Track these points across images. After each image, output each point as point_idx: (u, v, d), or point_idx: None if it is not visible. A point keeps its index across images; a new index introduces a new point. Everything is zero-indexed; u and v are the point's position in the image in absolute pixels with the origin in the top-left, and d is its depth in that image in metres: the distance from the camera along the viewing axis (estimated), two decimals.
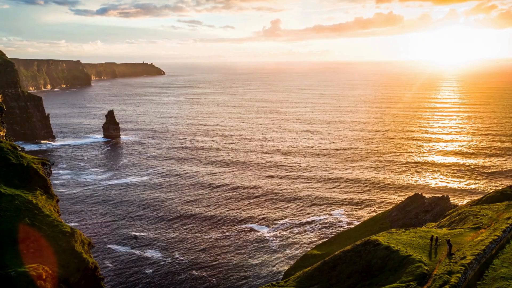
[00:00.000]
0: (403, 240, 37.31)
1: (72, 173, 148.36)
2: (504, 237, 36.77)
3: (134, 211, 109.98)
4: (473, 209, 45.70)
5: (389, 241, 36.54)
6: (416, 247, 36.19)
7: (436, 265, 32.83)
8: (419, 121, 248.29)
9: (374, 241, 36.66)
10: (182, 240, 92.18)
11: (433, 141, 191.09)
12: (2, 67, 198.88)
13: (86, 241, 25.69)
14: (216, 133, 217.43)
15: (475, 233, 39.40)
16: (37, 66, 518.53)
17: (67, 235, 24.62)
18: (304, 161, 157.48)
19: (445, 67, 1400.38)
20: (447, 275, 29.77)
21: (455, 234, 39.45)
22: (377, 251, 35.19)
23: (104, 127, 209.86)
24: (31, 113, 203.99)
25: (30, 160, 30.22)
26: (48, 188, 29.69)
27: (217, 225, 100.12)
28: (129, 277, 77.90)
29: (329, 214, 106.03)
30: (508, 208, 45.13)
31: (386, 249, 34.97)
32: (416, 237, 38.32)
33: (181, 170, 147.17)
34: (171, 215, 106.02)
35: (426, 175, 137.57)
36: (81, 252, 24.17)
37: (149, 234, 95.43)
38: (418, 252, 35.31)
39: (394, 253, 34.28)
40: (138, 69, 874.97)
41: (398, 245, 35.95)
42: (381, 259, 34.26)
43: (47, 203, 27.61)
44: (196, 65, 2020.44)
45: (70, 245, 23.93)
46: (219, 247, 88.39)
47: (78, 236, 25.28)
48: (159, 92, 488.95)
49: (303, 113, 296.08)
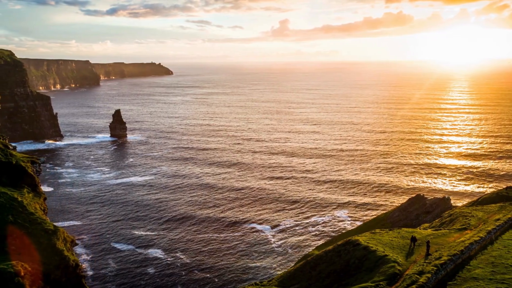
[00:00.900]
0: (384, 240, 37.27)
1: (78, 171, 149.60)
2: (487, 238, 36.65)
3: (139, 210, 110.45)
4: (464, 210, 45.33)
5: (370, 241, 36.59)
6: (395, 247, 36.20)
7: (410, 265, 32.93)
8: (428, 122, 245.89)
9: (354, 241, 36.81)
10: (185, 240, 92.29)
11: (441, 142, 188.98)
12: (11, 67, 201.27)
13: (68, 238, 25.79)
14: (222, 134, 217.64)
15: (459, 234, 39.29)
16: (47, 66, 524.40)
17: (49, 233, 24.73)
18: (309, 162, 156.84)
19: (455, 67, 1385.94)
20: (417, 275, 29.78)
21: (439, 235, 39.34)
22: (355, 251, 35.45)
23: (111, 127, 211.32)
24: (39, 112, 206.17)
25: (20, 158, 30.44)
26: (36, 186, 29.87)
27: (220, 225, 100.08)
28: (131, 275, 78.16)
29: (333, 215, 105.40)
30: (500, 209, 44.69)
31: (365, 249, 35.18)
32: (398, 237, 38.25)
33: (186, 170, 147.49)
34: (175, 215, 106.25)
35: (433, 178, 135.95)
36: (62, 249, 24.27)
37: (152, 234, 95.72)
38: (396, 252, 35.36)
39: (372, 253, 34.45)
40: (146, 69, 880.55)
41: (377, 245, 36.00)
42: (358, 259, 34.54)
43: (34, 201, 27.77)
44: (204, 65, 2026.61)
45: (52, 243, 24.02)
46: (222, 248, 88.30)
47: (60, 234, 25.39)
48: (167, 92, 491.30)
49: (310, 113, 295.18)
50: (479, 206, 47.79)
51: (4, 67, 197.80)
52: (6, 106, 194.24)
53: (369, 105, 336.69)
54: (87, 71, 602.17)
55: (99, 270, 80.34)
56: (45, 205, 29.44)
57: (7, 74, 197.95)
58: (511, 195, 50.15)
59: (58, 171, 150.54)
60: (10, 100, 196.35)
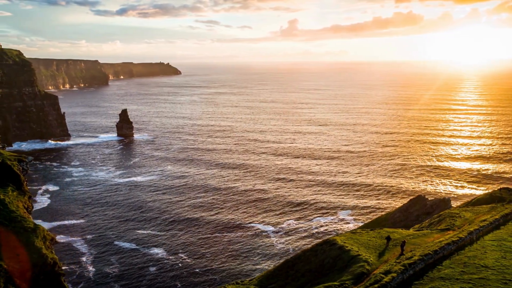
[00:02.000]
0: (361, 240, 37.34)
1: (84, 170, 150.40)
2: (467, 239, 36.64)
3: (143, 210, 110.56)
4: (453, 211, 44.92)
5: (347, 241, 36.70)
6: (370, 247, 36.19)
7: (381, 265, 32.94)
8: (436, 124, 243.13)
9: (332, 241, 36.92)
10: (188, 240, 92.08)
11: (450, 144, 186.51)
12: (20, 67, 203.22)
13: (48, 237, 25.59)
14: (229, 134, 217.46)
15: (440, 234, 39.11)
16: (57, 65, 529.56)
17: (28, 231, 24.59)
18: (315, 164, 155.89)
19: (466, 67, 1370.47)
20: (383, 275, 29.78)
21: (419, 235, 39.20)
22: (331, 250, 35.64)
23: (118, 126, 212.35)
24: (47, 111, 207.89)
25: (6, 156, 30.35)
26: (21, 184, 29.72)
27: (224, 227, 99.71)
28: (133, 274, 78.21)
29: (337, 216, 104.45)
30: (490, 210, 44.24)
31: (340, 248, 35.37)
32: (377, 237, 38.20)
33: (192, 171, 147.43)
34: (179, 216, 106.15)
35: (441, 180, 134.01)
36: (41, 247, 24.09)
37: (156, 233, 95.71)
38: (370, 252, 35.37)
39: (345, 253, 34.67)
40: (155, 69, 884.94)
41: (353, 245, 36.11)
42: (333, 259, 34.72)
43: (17, 199, 27.63)
44: (212, 65, 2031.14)
45: (30, 241, 23.86)
46: (225, 249, 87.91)
47: (40, 232, 25.22)
48: (174, 92, 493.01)
49: (317, 114, 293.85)
50: (470, 207, 47.17)
51: (12, 67, 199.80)
52: (15, 105, 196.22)
53: (377, 106, 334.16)
54: (96, 71, 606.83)
55: (102, 268, 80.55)
56: (30, 203, 29.28)
57: (16, 73, 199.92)
58: (504, 196, 49.73)
59: (64, 170, 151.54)
60: (18, 99, 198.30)
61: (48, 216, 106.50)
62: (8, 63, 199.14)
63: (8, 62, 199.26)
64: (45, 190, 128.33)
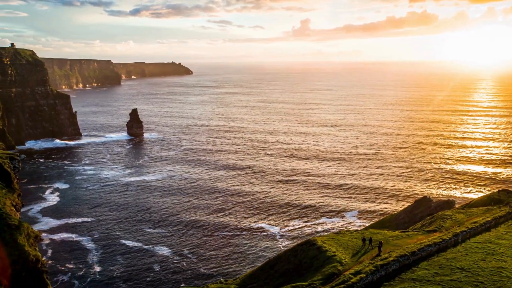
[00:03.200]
0: (342, 241, 37.23)
1: (94, 169, 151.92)
2: (451, 241, 36.39)
3: (150, 209, 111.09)
4: (446, 213, 44.30)
5: (327, 241, 36.49)
6: (349, 248, 36.11)
7: (354, 265, 32.88)
8: (449, 125, 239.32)
9: (312, 241, 36.88)
10: (194, 240, 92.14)
11: (463, 147, 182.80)
12: (33, 66, 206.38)
13: (32, 234, 25.70)
14: (238, 135, 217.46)
15: (425, 236, 38.70)
16: (70, 65, 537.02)
17: (12, 228, 24.70)
18: (324, 166, 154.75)
19: (481, 67, 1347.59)
20: (352, 275, 29.72)
21: (403, 237, 38.88)
22: (310, 250, 35.58)
23: (128, 125, 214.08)
24: (59, 110, 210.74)
25: None
26: (11, 182, 29.96)
27: (230, 227, 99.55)
28: (138, 272, 78.62)
29: (343, 219, 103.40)
30: (485, 212, 43.50)
31: (318, 249, 35.35)
32: (358, 238, 37.89)
33: (200, 171, 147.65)
34: (185, 215, 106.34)
35: (452, 184, 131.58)
36: (24, 244, 24.18)
37: (161, 232, 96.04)
38: (348, 253, 35.30)
39: (322, 253, 34.67)
40: (167, 68, 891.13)
41: (332, 245, 35.96)
42: (310, 259, 34.69)
43: (5, 196, 27.79)
44: (224, 65, 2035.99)
45: (13, 238, 23.95)
46: (229, 247, 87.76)
47: (24, 229, 25.33)
48: (185, 92, 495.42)
49: (328, 115, 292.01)
50: (466, 208, 46.38)
51: (25, 66, 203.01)
52: (27, 104, 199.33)
53: (390, 107, 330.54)
54: (109, 70, 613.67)
55: (108, 266, 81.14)
56: (19, 201, 29.49)
57: (29, 73, 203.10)
58: (502, 198, 48.92)
59: (75, 169, 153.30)
60: (31, 98, 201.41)
61: (57, 214, 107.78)
62: (22, 62, 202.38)
63: (22, 62, 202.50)
64: (55, 188, 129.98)
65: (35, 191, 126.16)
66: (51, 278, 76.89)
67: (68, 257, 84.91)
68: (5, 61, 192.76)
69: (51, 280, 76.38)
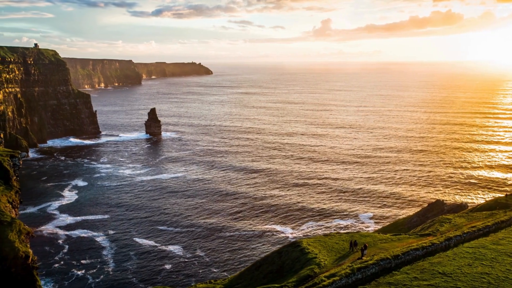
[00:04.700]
0: (328, 243, 36.83)
1: (112, 167, 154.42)
2: (442, 245, 35.54)
3: (164, 208, 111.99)
4: (447, 217, 43.02)
5: (312, 243, 36.11)
6: (333, 250, 35.72)
7: (332, 268, 32.53)
8: (472, 128, 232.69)
9: (296, 243, 36.61)
10: (206, 239, 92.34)
11: (486, 151, 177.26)
12: (55, 66, 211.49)
13: (24, 230, 26.05)
14: (255, 136, 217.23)
15: (417, 239, 37.77)
16: (93, 65, 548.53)
17: (4, 224, 25.05)
18: (341, 169, 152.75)
19: (508, 68, 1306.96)
20: (326, 277, 29.28)
21: (393, 240, 38.28)
22: (293, 252, 35.38)
23: (146, 124, 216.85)
24: (80, 109, 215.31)
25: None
26: (9, 179, 30.52)
27: (243, 227, 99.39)
28: (150, 269, 79.54)
29: (357, 222, 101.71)
30: (488, 216, 41.86)
31: (301, 251, 35.19)
32: (346, 240, 37.50)
33: (215, 172, 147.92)
34: (199, 215, 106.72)
35: (473, 191, 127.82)
36: (14, 241, 24.52)
37: (174, 231, 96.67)
38: (331, 255, 34.87)
39: (304, 255, 34.47)
40: (187, 68, 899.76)
41: (316, 248, 35.57)
42: (292, 261, 34.54)
43: (3, 193, 28.26)
44: (244, 65, 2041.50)
45: (4, 234, 24.29)
46: (242, 248, 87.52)
47: (16, 225, 25.70)
48: (204, 92, 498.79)
49: (347, 116, 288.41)
50: (470, 213, 44.75)
51: (48, 66, 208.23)
52: (50, 103, 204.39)
53: (411, 108, 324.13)
54: (130, 70, 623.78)
55: (121, 263, 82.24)
56: (16, 198, 30.07)
57: (51, 72, 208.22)
58: (509, 203, 46.88)
59: (93, 167, 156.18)
60: (53, 97, 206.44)
61: (74, 211, 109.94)
62: (45, 62, 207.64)
63: (45, 62, 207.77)
64: (73, 185, 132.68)
65: (54, 189, 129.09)
66: (66, 273, 78.64)
67: (83, 253, 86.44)
68: (28, 61, 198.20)
69: (66, 275, 78.08)
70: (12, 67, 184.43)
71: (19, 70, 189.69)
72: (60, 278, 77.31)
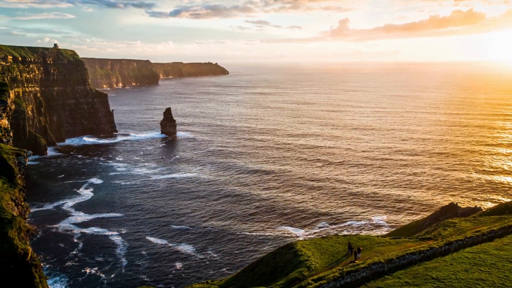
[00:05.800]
0: (323, 246, 36.42)
1: (127, 166, 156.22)
2: (441, 249, 34.68)
3: (177, 207, 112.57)
4: (452, 220, 41.81)
5: (306, 246, 35.76)
6: (327, 253, 35.30)
7: (322, 271, 32.09)
8: (493, 131, 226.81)
9: (290, 245, 36.40)
10: (218, 240, 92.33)
11: (506, 155, 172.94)
12: (73, 66, 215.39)
13: (24, 228, 26.34)
14: (269, 137, 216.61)
15: (416, 243, 36.86)
16: (111, 65, 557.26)
17: (4, 222, 25.36)
18: (355, 172, 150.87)
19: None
20: (313, 281, 28.99)
21: (391, 243, 37.67)
22: (286, 254, 35.24)
23: (162, 124, 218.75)
24: (97, 109, 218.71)
25: (4, 150, 31.67)
26: (14, 177, 31.01)
27: (256, 228, 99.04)
28: (162, 268, 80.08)
29: (370, 225, 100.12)
30: (496, 221, 40.36)
31: (294, 253, 35.01)
32: (342, 243, 37.17)
33: (229, 172, 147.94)
34: (212, 215, 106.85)
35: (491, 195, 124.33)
36: (13, 238, 24.80)
37: (187, 230, 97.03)
38: (323, 258, 34.44)
39: (296, 258, 34.20)
40: (203, 68, 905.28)
41: (310, 250, 35.19)
42: (285, 263, 34.41)
43: (6, 191, 28.72)
44: (261, 65, 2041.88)
45: (4, 231, 24.57)
46: (254, 250, 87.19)
47: (16, 223, 26.00)
48: (220, 92, 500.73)
49: (363, 118, 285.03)
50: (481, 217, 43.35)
51: (67, 66, 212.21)
52: (68, 102, 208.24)
53: (429, 110, 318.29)
54: (147, 70, 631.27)
55: (133, 261, 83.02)
56: (19, 196, 30.54)
57: (70, 72, 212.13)
58: None
59: (109, 165, 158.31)
60: (71, 96, 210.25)
61: (89, 209, 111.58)
62: (64, 62, 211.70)
63: (64, 62, 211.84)
64: (90, 183, 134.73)
65: (71, 186, 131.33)
66: (79, 270, 79.83)
67: (97, 251, 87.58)
68: (48, 61, 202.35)
69: (80, 272, 79.24)
70: (32, 67, 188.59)
71: (39, 70, 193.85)
72: (74, 274, 78.54)
